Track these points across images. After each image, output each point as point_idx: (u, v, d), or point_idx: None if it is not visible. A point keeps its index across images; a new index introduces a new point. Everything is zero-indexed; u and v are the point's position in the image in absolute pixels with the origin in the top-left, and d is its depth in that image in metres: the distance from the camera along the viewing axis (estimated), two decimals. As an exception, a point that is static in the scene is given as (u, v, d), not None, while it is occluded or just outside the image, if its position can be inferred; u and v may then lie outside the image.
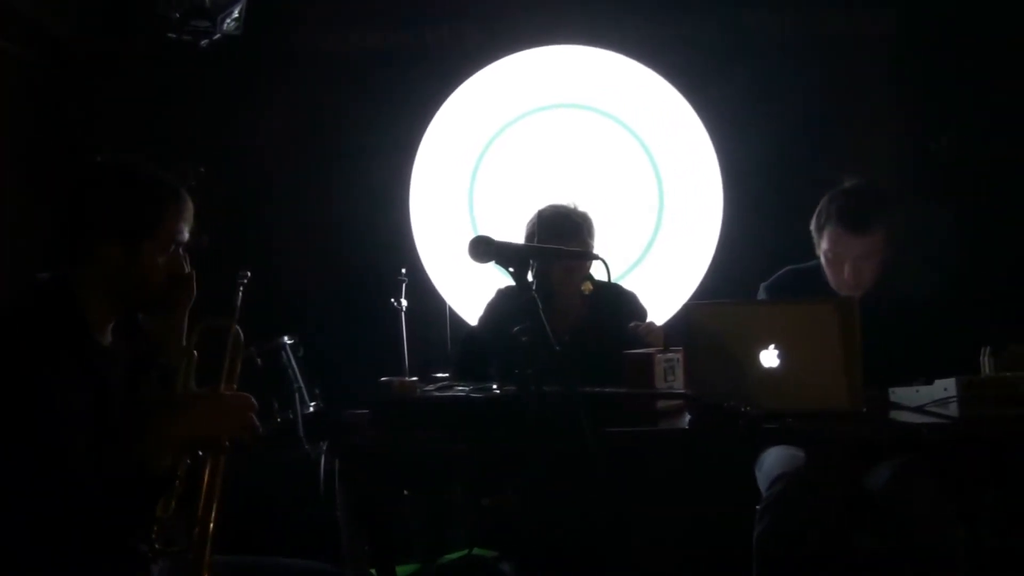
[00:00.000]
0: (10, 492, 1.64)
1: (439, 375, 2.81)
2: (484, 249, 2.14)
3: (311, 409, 3.77)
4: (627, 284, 3.43)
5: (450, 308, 4.45)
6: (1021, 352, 2.56)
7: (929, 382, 2.40)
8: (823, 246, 2.84)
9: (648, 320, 3.15)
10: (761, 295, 3.00)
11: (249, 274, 2.03)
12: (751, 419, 2.20)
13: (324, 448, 3.62)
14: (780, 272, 3.03)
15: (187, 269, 1.95)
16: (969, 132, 4.30)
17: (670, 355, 2.51)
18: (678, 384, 2.49)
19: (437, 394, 2.50)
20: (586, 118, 4.65)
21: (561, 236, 3.00)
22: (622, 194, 4.62)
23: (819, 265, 2.91)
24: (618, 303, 3.18)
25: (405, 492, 3.18)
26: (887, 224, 2.79)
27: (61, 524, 1.66)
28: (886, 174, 4.25)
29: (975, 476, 2.48)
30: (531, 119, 4.67)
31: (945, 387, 2.34)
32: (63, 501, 1.65)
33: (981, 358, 2.48)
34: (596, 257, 2.49)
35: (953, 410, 2.30)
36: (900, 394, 2.50)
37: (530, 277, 2.12)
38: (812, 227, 2.89)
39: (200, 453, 1.82)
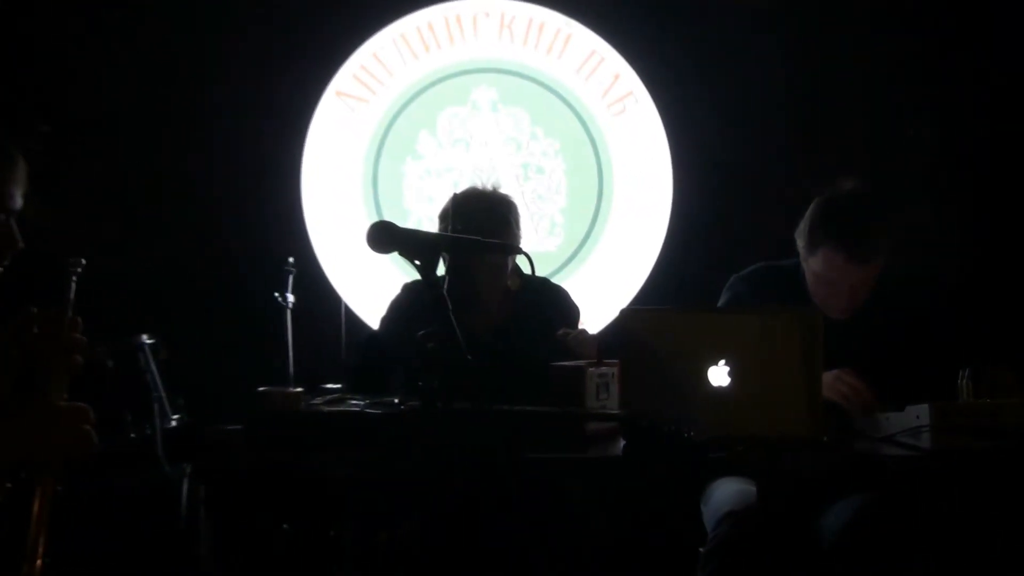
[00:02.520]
0: None
1: (330, 386, 2.79)
2: (386, 237, 2.12)
3: (173, 423, 3.70)
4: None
5: (346, 306, 4.43)
6: (1004, 376, 2.63)
7: (900, 409, 2.46)
8: (814, 266, 2.88)
9: (580, 327, 3.17)
10: (734, 287, 3.04)
11: (84, 262, 1.98)
12: (696, 446, 2.22)
13: (188, 471, 3.56)
14: (756, 266, 3.08)
15: (20, 243, 1.91)
16: (955, 117, 4.42)
17: (604, 369, 2.52)
18: (612, 403, 2.51)
19: (326, 408, 2.48)
20: (516, 86, 4.65)
21: (480, 225, 2.99)
22: (556, 178, 4.64)
23: (798, 265, 2.96)
24: (545, 301, 3.20)
25: (284, 526, 3.15)
26: (888, 249, 2.86)
27: None
28: (861, 164, 4.34)
29: (946, 515, 2.55)
30: (450, 85, 4.65)
31: (917, 414, 2.40)
32: None
33: (959, 382, 2.55)
34: (519, 251, 2.49)
35: (925, 441, 2.36)
36: (867, 421, 2.56)
37: (441, 271, 2.12)
38: (801, 240, 2.92)
39: (25, 475, 1.78)
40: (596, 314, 4.25)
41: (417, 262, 2.11)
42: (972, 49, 4.45)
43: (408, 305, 3.17)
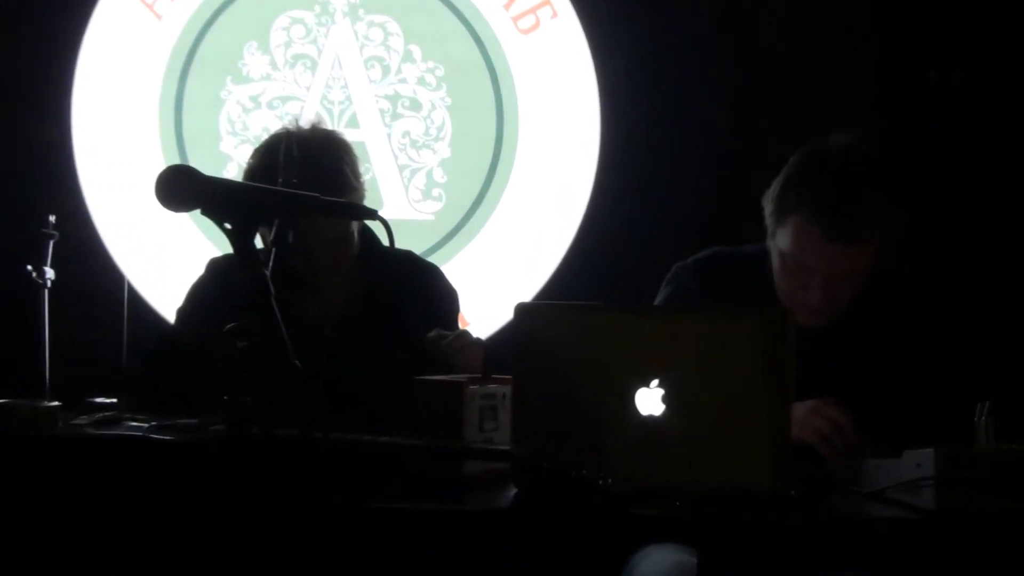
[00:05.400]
0: None
1: (102, 400, 2.78)
2: (183, 187, 2.11)
3: None
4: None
5: (131, 286, 4.41)
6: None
7: (896, 454, 2.52)
8: (780, 243, 2.91)
9: (462, 328, 3.19)
10: (677, 278, 3.08)
11: None
12: (615, 499, 2.25)
13: None
14: (707, 252, 3.12)
15: None
16: (987, 62, 4.54)
17: (492, 388, 2.54)
18: (502, 436, 2.53)
19: (95, 431, 2.48)
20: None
21: (307, 180, 2.95)
22: (438, 118, 4.66)
23: (763, 252, 3.00)
24: (406, 282, 3.22)
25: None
26: (885, 227, 2.90)
27: None
28: (856, 117, 4.43)
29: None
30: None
31: (918, 462, 2.46)
32: None
33: (976, 420, 2.61)
34: (373, 215, 2.50)
35: (928, 498, 2.42)
36: (851, 470, 2.62)
37: (261, 241, 2.12)
38: (769, 205, 2.96)
39: None
40: (486, 310, 4.29)
41: (228, 226, 2.11)
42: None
43: (214, 289, 3.18)
